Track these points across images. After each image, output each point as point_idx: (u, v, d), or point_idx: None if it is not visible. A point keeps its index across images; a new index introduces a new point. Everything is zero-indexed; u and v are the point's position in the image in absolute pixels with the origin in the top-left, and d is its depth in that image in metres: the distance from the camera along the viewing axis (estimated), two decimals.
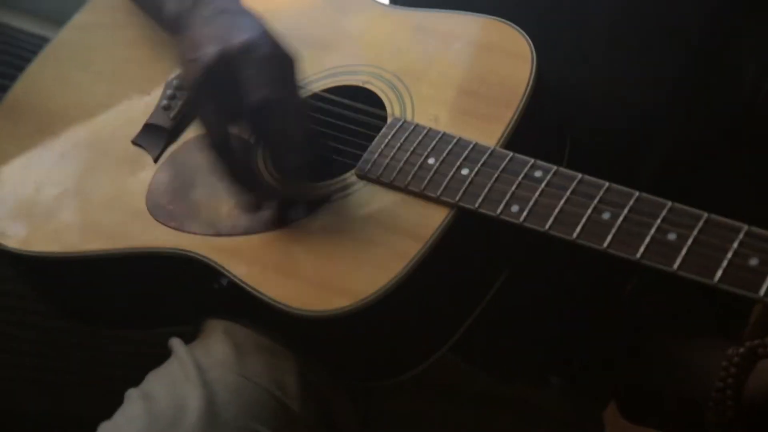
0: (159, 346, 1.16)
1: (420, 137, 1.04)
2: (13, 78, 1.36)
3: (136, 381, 1.10)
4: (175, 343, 1.11)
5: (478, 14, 1.13)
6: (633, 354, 1.14)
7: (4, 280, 1.48)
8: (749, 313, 0.96)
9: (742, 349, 0.94)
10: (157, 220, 1.11)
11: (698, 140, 1.11)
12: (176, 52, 1.10)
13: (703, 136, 1.11)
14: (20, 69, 1.37)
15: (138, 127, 1.21)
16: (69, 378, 1.61)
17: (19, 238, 1.18)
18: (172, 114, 1.20)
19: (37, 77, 1.33)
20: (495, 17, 1.11)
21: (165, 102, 1.21)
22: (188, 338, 1.13)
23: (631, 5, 1.13)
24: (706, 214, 0.87)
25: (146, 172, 1.16)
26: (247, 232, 1.06)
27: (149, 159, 1.18)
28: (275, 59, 1.03)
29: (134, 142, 1.20)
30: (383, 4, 1.23)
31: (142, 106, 1.23)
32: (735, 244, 0.84)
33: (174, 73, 1.23)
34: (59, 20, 1.41)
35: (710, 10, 1.11)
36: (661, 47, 1.12)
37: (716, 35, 1.11)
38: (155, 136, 1.19)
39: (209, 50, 1.02)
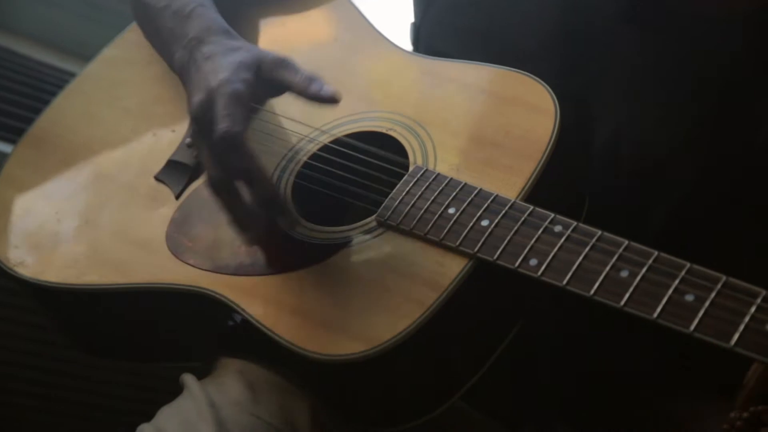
0: (170, 379, 1.17)
1: (441, 186, 1.05)
2: (35, 110, 1.37)
3: (147, 414, 1.10)
4: (188, 378, 1.12)
5: (502, 66, 1.14)
6: (630, 412, 1.14)
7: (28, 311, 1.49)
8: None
9: (746, 414, 0.94)
10: (176, 257, 1.12)
11: (712, 191, 1.12)
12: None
13: (718, 188, 1.12)
14: (42, 101, 1.38)
15: (161, 163, 1.22)
16: (77, 410, 1.61)
17: (37, 267, 1.18)
18: (195, 151, 1.21)
19: (64, 109, 1.35)
20: (519, 70, 1.12)
21: (189, 139, 1.22)
22: (198, 374, 1.13)
23: (652, 59, 1.14)
24: (724, 277, 0.88)
25: (167, 208, 1.17)
26: (265, 273, 1.07)
27: (171, 195, 1.19)
28: (242, 93, 1.07)
29: (157, 178, 1.21)
30: (407, 52, 1.24)
31: (166, 142, 1.24)
32: (752, 309, 0.85)
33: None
34: (83, 54, 1.43)
35: (730, 66, 1.12)
36: (679, 99, 1.13)
37: (734, 91, 1.12)
38: (178, 172, 1.21)
39: (194, 99, 1.08)
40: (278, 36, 1.32)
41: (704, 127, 1.12)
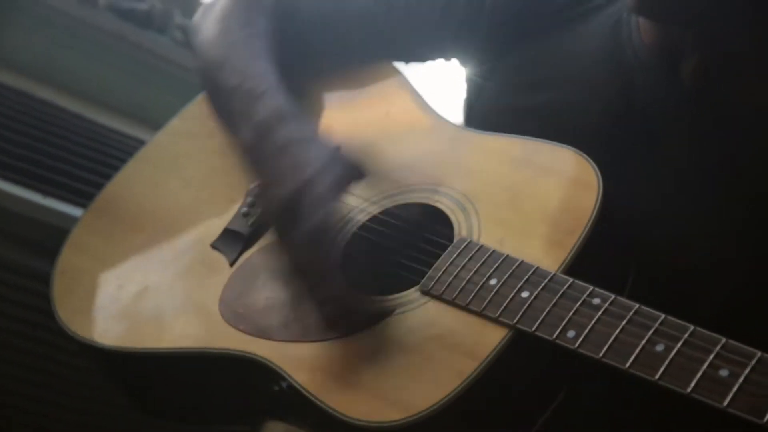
0: None
1: (484, 258, 1.07)
2: (103, 175, 1.44)
3: None
4: None
5: (548, 141, 1.16)
6: None
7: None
8: None
9: None
10: (227, 323, 1.16)
11: (763, 286, 1.12)
12: (256, 181, 1.17)
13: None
14: (109, 166, 1.45)
15: (218, 232, 1.27)
16: None
17: (97, 331, 1.23)
18: (250, 221, 1.26)
19: (131, 178, 1.41)
20: (565, 145, 1.14)
21: (245, 209, 1.27)
22: None
23: (704, 154, 1.15)
24: (759, 353, 0.88)
25: (221, 276, 1.22)
26: (311, 340, 1.10)
27: (226, 263, 1.23)
28: (332, 192, 1.10)
29: (213, 246, 1.26)
30: (456, 126, 1.28)
31: (224, 211, 1.29)
32: None
33: (255, 182, 1.29)
34: (148, 121, 1.50)
35: None
36: (731, 192, 1.13)
37: None
38: (233, 241, 1.25)
39: (283, 189, 1.10)
40: (330, 110, 1.36)
41: (757, 226, 1.12)
